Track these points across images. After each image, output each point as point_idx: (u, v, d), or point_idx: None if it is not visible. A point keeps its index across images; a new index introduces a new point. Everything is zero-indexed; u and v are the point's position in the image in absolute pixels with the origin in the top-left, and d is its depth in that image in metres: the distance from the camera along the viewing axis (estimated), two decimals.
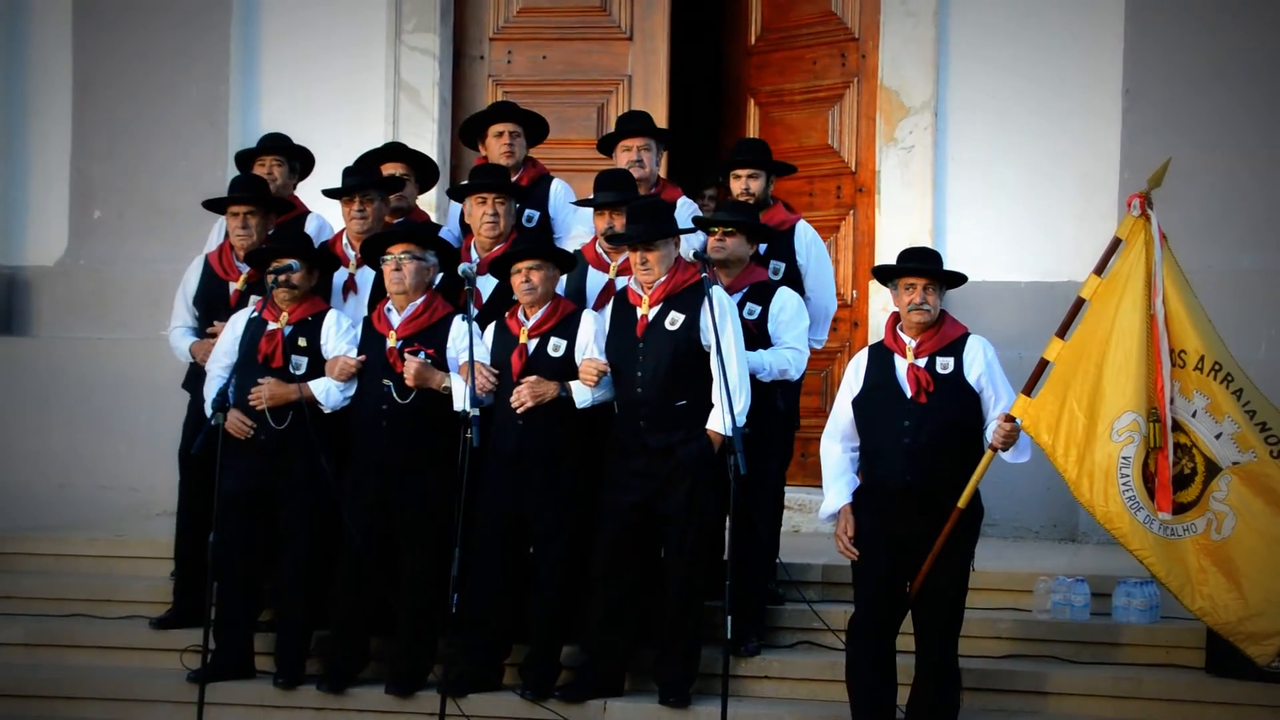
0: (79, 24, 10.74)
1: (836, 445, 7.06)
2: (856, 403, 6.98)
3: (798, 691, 7.60)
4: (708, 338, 7.17)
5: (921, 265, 6.88)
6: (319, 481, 7.56)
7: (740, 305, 7.51)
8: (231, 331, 7.73)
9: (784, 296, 7.64)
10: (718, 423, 7.17)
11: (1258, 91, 9.30)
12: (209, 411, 7.58)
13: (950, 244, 9.53)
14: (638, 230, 7.31)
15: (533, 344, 7.45)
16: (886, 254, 9.59)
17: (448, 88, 10.57)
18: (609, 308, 7.53)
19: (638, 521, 7.34)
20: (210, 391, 7.65)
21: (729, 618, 6.89)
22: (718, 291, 7.21)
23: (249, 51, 10.66)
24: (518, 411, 7.34)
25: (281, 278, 7.60)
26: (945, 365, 6.85)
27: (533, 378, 7.37)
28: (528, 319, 7.49)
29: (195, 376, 8.04)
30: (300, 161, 8.53)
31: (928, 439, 6.78)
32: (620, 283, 7.62)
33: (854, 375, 7.03)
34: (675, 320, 7.27)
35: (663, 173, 8.44)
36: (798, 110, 10.56)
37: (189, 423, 8.09)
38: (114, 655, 8.18)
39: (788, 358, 7.55)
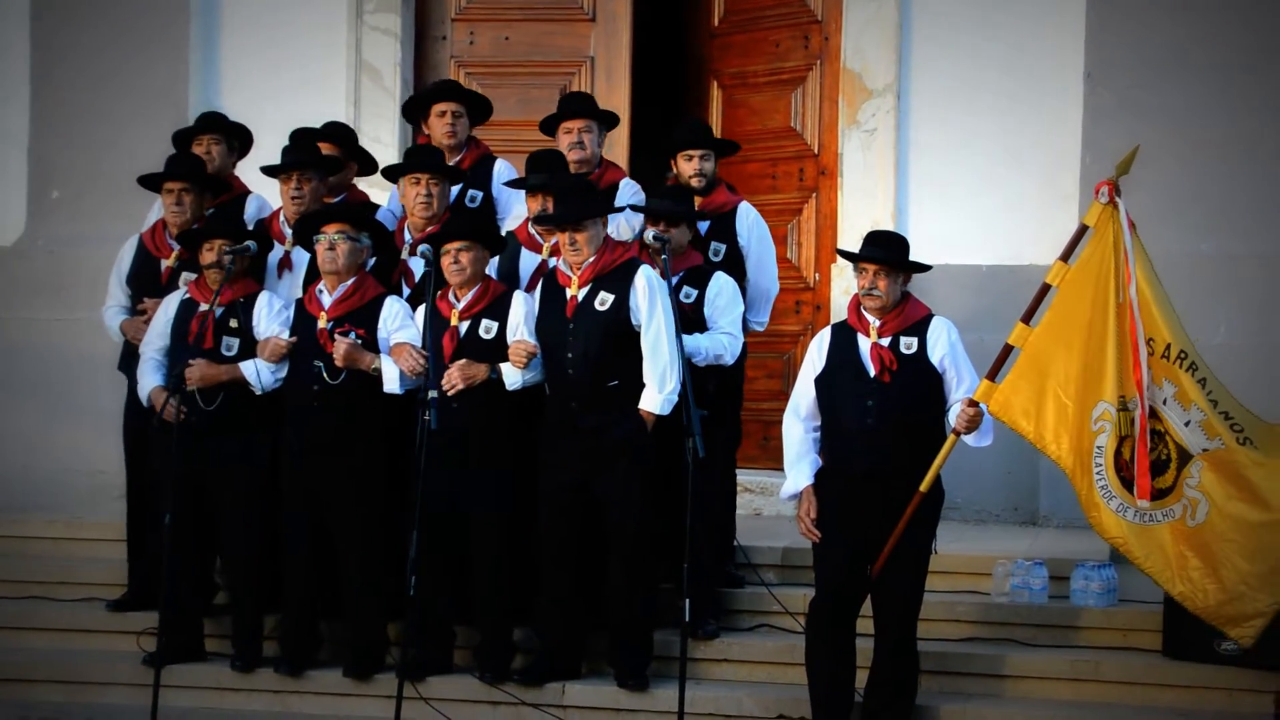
0: (36, 2, 10.64)
1: (798, 425, 7.04)
2: (819, 381, 6.96)
3: (756, 674, 7.60)
4: (638, 318, 7.20)
5: (872, 253, 6.87)
6: (253, 463, 7.56)
7: (677, 288, 7.47)
8: (164, 313, 7.71)
9: (720, 281, 7.62)
10: (650, 402, 7.19)
11: (1219, 76, 9.29)
12: (142, 394, 7.60)
13: (913, 227, 9.51)
14: (565, 210, 7.29)
15: (464, 326, 7.43)
16: (849, 237, 9.62)
17: (410, 69, 10.51)
18: (539, 289, 7.52)
19: (575, 503, 7.31)
20: (145, 375, 7.65)
21: (686, 601, 6.87)
22: (647, 271, 7.24)
23: (209, 30, 10.56)
24: (449, 394, 7.30)
25: (234, 259, 7.56)
26: (909, 345, 6.84)
27: (463, 360, 7.34)
28: (458, 301, 7.47)
29: (129, 356, 8.01)
30: (239, 140, 8.44)
31: (890, 419, 6.78)
32: (555, 264, 7.58)
33: (817, 353, 7.01)
34: (605, 300, 7.26)
35: (625, 155, 8.41)
36: (760, 92, 10.53)
37: (130, 404, 8.05)
38: (70, 638, 8.14)
39: (723, 342, 7.54)
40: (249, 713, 7.66)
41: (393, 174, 8.06)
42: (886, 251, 6.90)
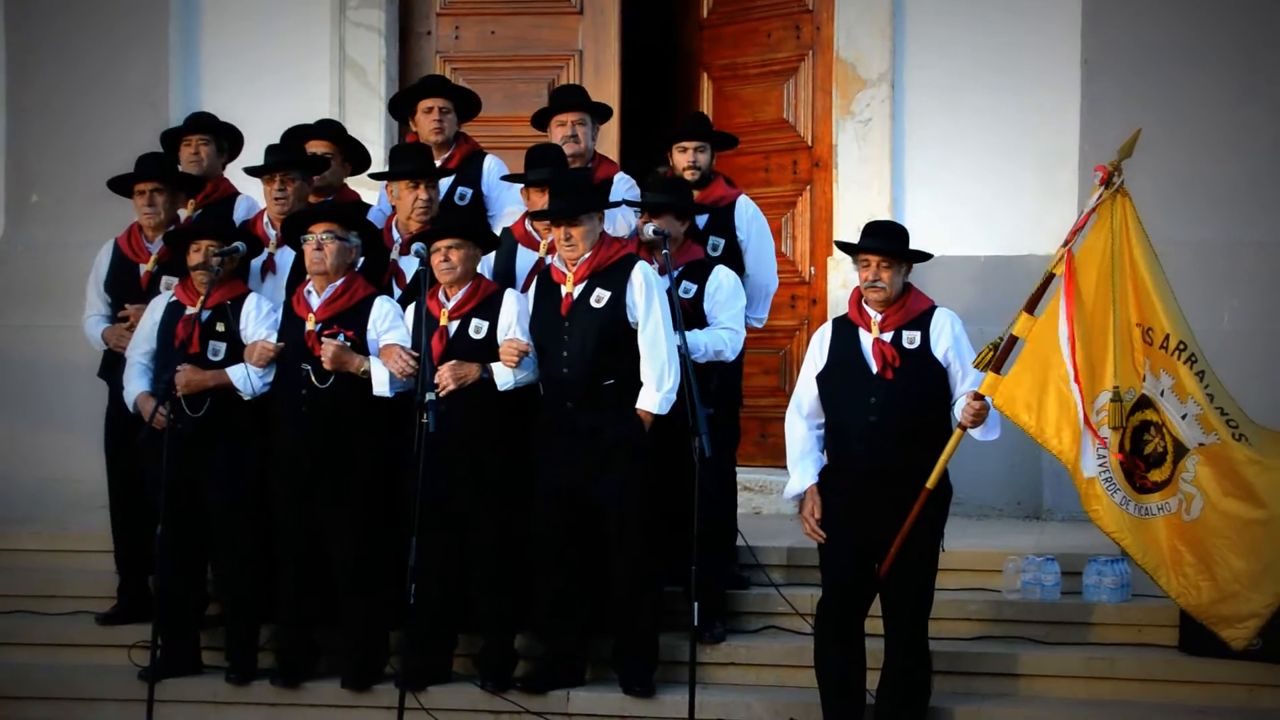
0: (10, 3, 10.44)
1: (801, 423, 6.92)
2: (821, 378, 6.85)
3: (765, 677, 7.49)
4: (634, 314, 7.06)
5: (874, 243, 6.74)
6: (242, 470, 7.42)
7: (675, 284, 7.35)
8: (150, 317, 7.58)
9: (720, 275, 7.48)
10: (648, 401, 7.06)
11: (1219, 60, 9.18)
12: (129, 400, 7.47)
13: (909, 218, 9.36)
14: (560, 206, 7.15)
15: (454, 326, 7.28)
16: (845, 229, 9.49)
17: (394, 65, 10.31)
18: (533, 286, 7.39)
19: (571, 505, 7.17)
20: (130, 380, 7.52)
21: (695, 604, 6.77)
22: (643, 267, 7.11)
23: (189, 30, 10.36)
24: (440, 395, 7.12)
25: (223, 260, 7.42)
26: (912, 340, 6.72)
27: (453, 360, 7.19)
28: (448, 300, 7.32)
29: (110, 364, 7.87)
30: (228, 140, 8.30)
31: (894, 416, 6.66)
32: (550, 261, 7.45)
33: (818, 349, 6.90)
34: (601, 297, 7.14)
35: (615, 149, 8.25)
36: (752, 84, 10.36)
37: (111, 413, 7.89)
38: (60, 653, 7.99)
39: (723, 338, 7.40)
40: None
41: (380, 179, 7.93)
42: (888, 242, 6.79)
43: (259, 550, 7.49)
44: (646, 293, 7.08)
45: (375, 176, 8.06)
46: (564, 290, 7.21)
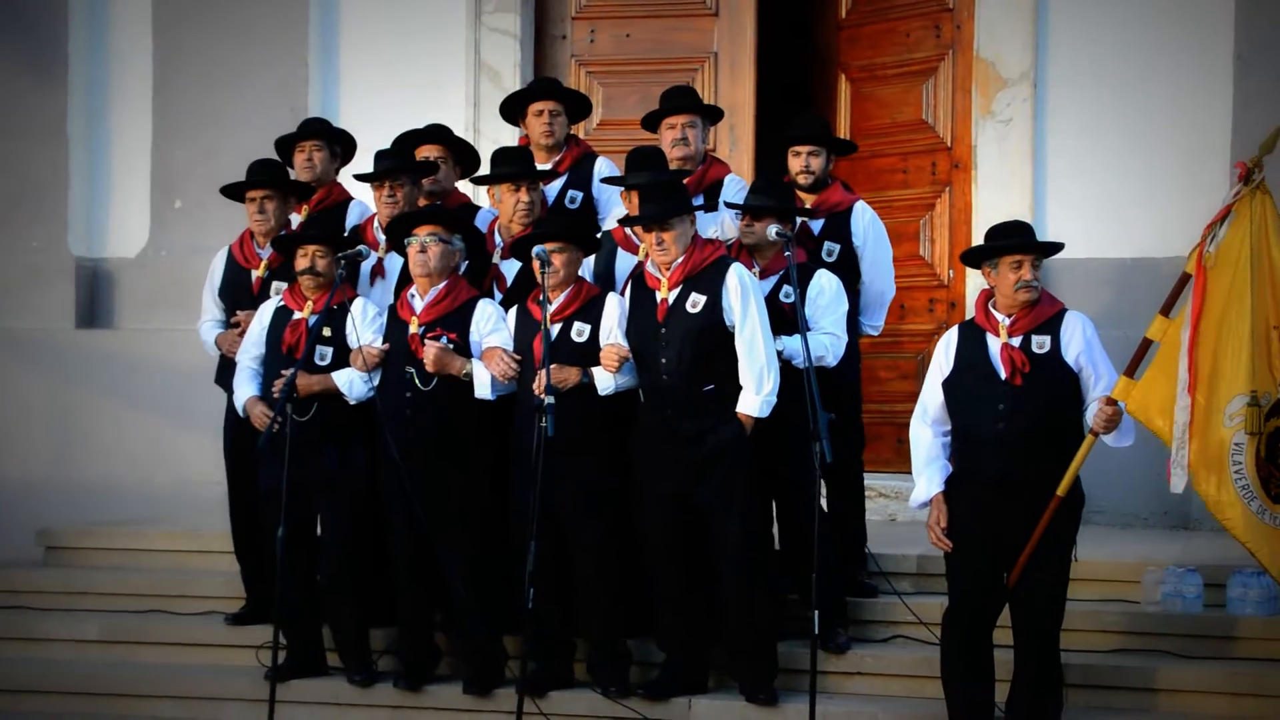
0: (158, 10, 10.65)
1: (926, 430, 6.76)
2: (947, 385, 6.67)
3: (891, 688, 7.31)
4: (731, 318, 6.94)
5: (1028, 240, 6.60)
6: (351, 473, 7.41)
7: (775, 288, 7.21)
8: (259, 322, 7.61)
9: (822, 279, 7.29)
10: (748, 405, 6.93)
11: None
12: (238, 404, 7.55)
13: (1050, 220, 9.20)
14: (651, 210, 7.05)
15: (556, 329, 7.19)
16: (984, 232, 9.21)
17: (529, 69, 10.29)
18: (628, 291, 7.27)
19: (676, 511, 7.05)
20: (240, 385, 7.57)
21: (815, 612, 6.64)
22: (738, 269, 6.99)
23: (328, 34, 10.48)
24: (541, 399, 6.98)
25: (345, 263, 7.44)
26: (1041, 344, 6.52)
27: (554, 364, 7.05)
28: (550, 303, 7.22)
29: (225, 370, 7.93)
30: (342, 145, 8.32)
31: (1023, 423, 6.46)
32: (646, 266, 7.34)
33: (944, 355, 6.73)
34: (696, 302, 7.02)
35: (749, 152, 8.09)
36: (890, 85, 10.18)
37: (229, 418, 7.92)
38: (189, 652, 8.05)
39: (824, 343, 7.19)
40: None
41: (481, 183, 7.92)
42: (1027, 238, 6.63)
43: (370, 552, 7.47)
44: (743, 295, 6.96)
45: (477, 181, 8.04)
46: (659, 296, 7.11)
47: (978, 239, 9.05)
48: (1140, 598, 7.49)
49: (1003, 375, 6.51)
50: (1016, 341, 6.52)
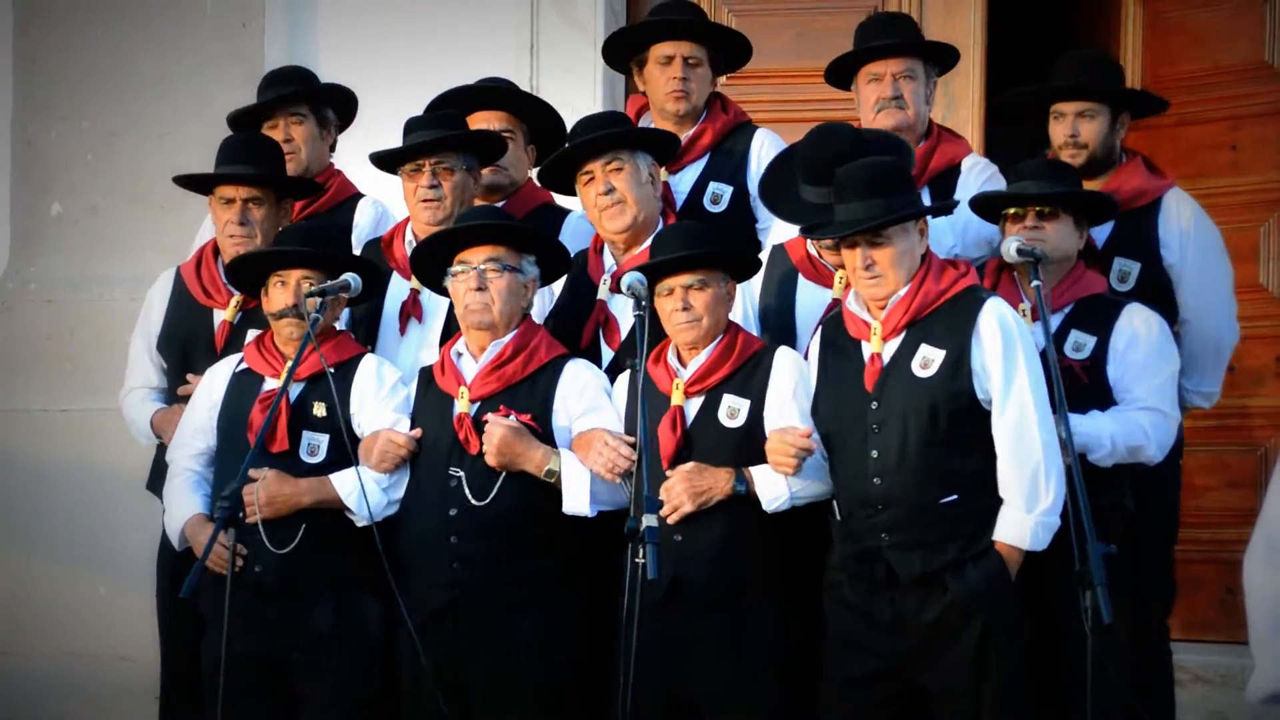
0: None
1: (1276, 576, 4.51)
2: None
3: None
4: (985, 385, 5.19)
5: None
6: (355, 642, 5.48)
7: (1060, 336, 5.47)
8: (207, 395, 5.57)
9: (1134, 320, 5.55)
10: (1014, 529, 5.17)
11: None
12: (173, 530, 5.51)
13: None
14: (851, 215, 5.22)
15: (694, 405, 5.38)
16: None
17: None
18: (816, 343, 5.52)
19: (885, 701, 5.36)
20: (176, 496, 5.54)
21: None
22: (998, 308, 5.19)
23: None
24: (670, 521, 5.26)
25: (322, 305, 5.39)
26: None
27: (690, 464, 5.31)
28: (684, 366, 5.43)
29: (163, 470, 5.78)
30: (334, 108, 6.09)
31: None
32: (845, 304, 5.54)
33: None
34: (929, 360, 5.25)
35: (978, 114, 6.17)
36: (1209, 7, 7.63)
37: (166, 548, 5.74)
38: None
39: (1142, 425, 5.46)
40: None
41: (552, 175, 5.81)
42: None
43: None
44: (1006, 349, 5.14)
45: (543, 175, 5.87)
46: (868, 350, 5.27)
47: None
48: None
49: None
50: None
